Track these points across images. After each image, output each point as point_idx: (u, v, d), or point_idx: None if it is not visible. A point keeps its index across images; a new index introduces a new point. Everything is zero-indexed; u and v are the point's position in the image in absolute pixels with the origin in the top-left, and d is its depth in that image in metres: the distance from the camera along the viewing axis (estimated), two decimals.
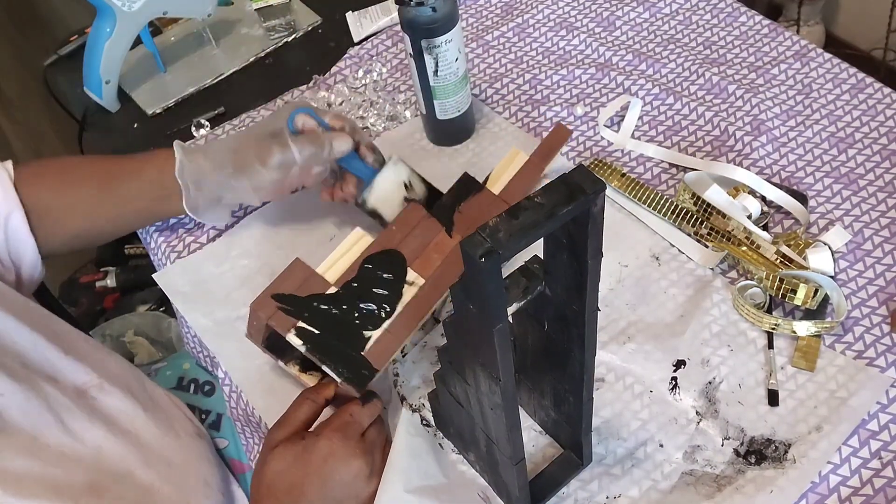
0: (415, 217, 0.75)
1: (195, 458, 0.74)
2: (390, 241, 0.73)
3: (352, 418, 0.65)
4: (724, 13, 1.05)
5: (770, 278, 0.74)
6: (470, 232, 0.73)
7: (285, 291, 0.68)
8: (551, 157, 0.82)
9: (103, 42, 1.00)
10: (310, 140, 0.75)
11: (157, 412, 0.74)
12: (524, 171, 0.79)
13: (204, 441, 0.79)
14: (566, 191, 0.44)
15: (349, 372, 0.66)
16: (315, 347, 0.66)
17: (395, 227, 0.74)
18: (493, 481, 0.68)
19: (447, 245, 0.73)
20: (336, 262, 0.71)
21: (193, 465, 0.73)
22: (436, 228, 0.74)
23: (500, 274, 0.44)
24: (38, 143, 2.41)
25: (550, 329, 0.58)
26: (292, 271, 0.70)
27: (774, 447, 0.68)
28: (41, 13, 2.86)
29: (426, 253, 0.72)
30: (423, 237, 0.73)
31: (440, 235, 0.74)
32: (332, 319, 0.68)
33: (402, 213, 0.75)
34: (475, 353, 0.52)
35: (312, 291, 0.69)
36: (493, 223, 0.43)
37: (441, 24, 0.82)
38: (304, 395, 0.68)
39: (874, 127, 0.90)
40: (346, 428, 0.64)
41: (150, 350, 1.50)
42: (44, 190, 0.79)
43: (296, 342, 0.67)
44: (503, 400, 0.53)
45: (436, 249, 0.73)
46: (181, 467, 0.71)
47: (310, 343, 0.66)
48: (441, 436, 0.72)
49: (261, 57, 1.12)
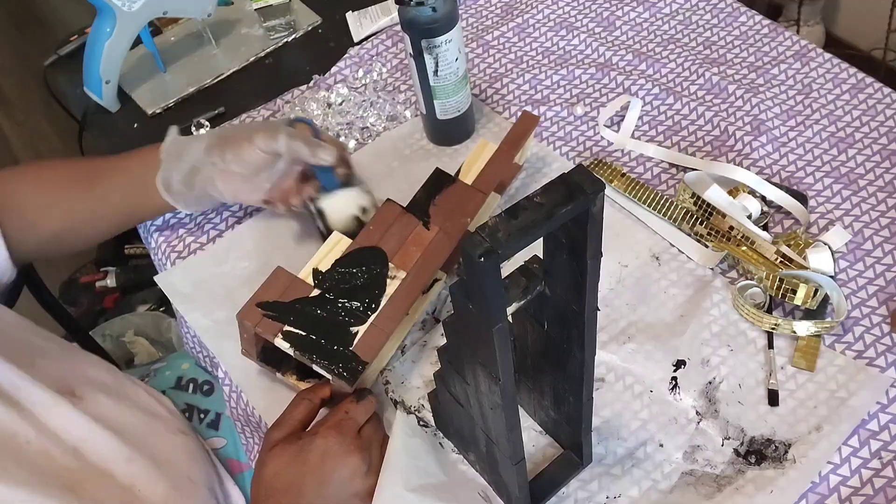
0: (391, 214, 0.76)
1: (179, 455, 0.75)
2: (369, 240, 0.74)
3: (347, 415, 0.65)
4: (724, 13, 1.05)
5: (770, 278, 0.74)
6: (447, 223, 0.76)
7: (269, 299, 0.69)
8: (521, 145, 0.83)
9: (103, 42, 1.00)
10: (301, 137, 0.76)
11: (137, 411, 0.74)
12: (495, 159, 0.81)
13: (189, 438, 0.78)
14: (565, 191, 0.44)
15: (339, 368, 0.66)
16: (303, 349, 0.67)
17: (373, 226, 0.75)
18: (493, 481, 0.68)
19: (425, 238, 0.74)
20: (319, 263, 0.72)
21: (177, 463, 0.73)
22: (412, 223, 0.75)
23: (500, 274, 0.44)
24: (38, 143, 2.41)
25: (550, 329, 0.58)
26: (275, 279, 0.71)
27: (774, 447, 0.68)
28: (41, 13, 2.86)
29: (405, 247, 0.74)
30: (401, 232, 0.75)
31: (417, 229, 0.75)
32: (318, 320, 0.69)
33: (379, 212, 0.76)
34: (475, 353, 0.52)
35: (296, 296, 0.70)
36: (493, 223, 0.43)
37: (441, 23, 0.82)
38: (300, 396, 0.68)
39: (874, 127, 0.90)
40: (341, 425, 0.65)
41: (149, 350, 1.50)
42: (17, 192, 0.78)
43: (283, 346, 0.67)
44: (503, 400, 0.53)
45: (414, 243, 0.74)
46: (164, 465, 0.71)
47: (297, 345, 0.67)
48: (441, 435, 0.72)
49: (261, 57, 1.12)
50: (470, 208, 0.77)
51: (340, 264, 0.72)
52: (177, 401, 0.89)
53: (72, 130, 1.09)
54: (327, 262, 0.73)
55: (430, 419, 0.72)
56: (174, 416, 0.80)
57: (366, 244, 0.74)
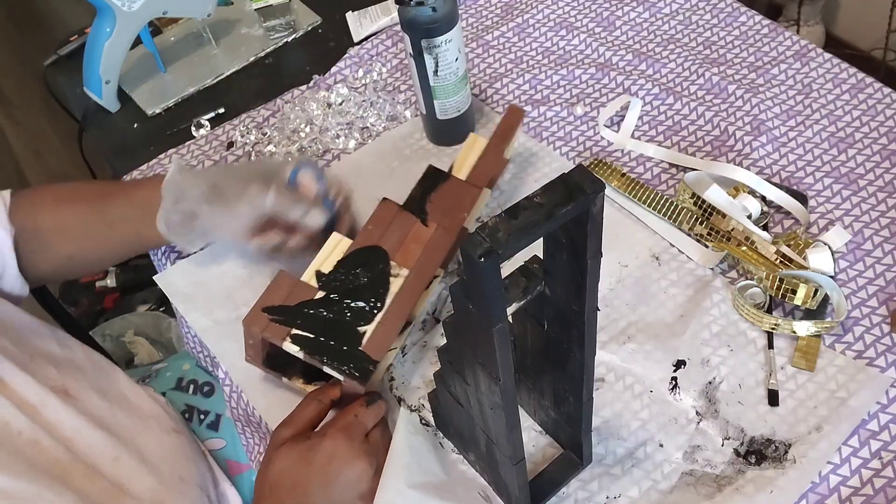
0: (389, 213, 0.76)
1: (171, 454, 0.75)
2: (369, 239, 0.74)
3: (356, 419, 0.65)
4: (724, 13, 1.05)
5: (770, 278, 0.74)
6: (445, 218, 0.76)
7: (274, 303, 0.69)
8: (510, 138, 0.83)
9: (103, 42, 1.00)
10: (293, 197, 0.74)
11: (129, 410, 0.75)
12: (486, 154, 0.81)
13: (182, 437, 0.79)
14: (565, 191, 0.44)
15: (351, 368, 0.66)
16: (313, 350, 0.67)
17: (372, 225, 0.75)
18: (493, 481, 0.68)
19: (425, 234, 0.75)
20: (320, 268, 0.72)
21: (169, 461, 0.74)
22: (411, 220, 0.76)
23: (500, 274, 0.44)
24: (38, 143, 2.41)
25: (550, 329, 0.58)
26: (278, 283, 0.71)
27: (774, 447, 0.68)
28: (41, 13, 2.86)
29: (405, 244, 0.74)
30: (401, 231, 0.75)
31: (416, 226, 0.75)
32: (325, 322, 0.69)
33: (377, 212, 0.76)
34: (475, 353, 0.52)
35: (300, 299, 0.70)
36: (493, 223, 0.43)
37: (441, 23, 0.82)
38: (310, 396, 0.69)
39: (874, 127, 0.90)
40: (350, 428, 0.65)
41: (150, 350, 1.50)
42: (37, 213, 0.78)
43: (293, 349, 0.67)
44: (503, 400, 0.53)
45: (414, 240, 0.74)
46: (155, 463, 0.71)
47: (307, 347, 0.67)
48: (441, 435, 0.72)
49: (261, 57, 1.12)
50: (466, 203, 0.78)
51: (343, 265, 0.72)
52: (177, 401, 0.89)
53: (72, 130, 1.09)
54: (329, 263, 0.72)
55: (431, 418, 0.73)
56: (169, 416, 0.80)
57: (366, 244, 0.74)
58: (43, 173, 2.32)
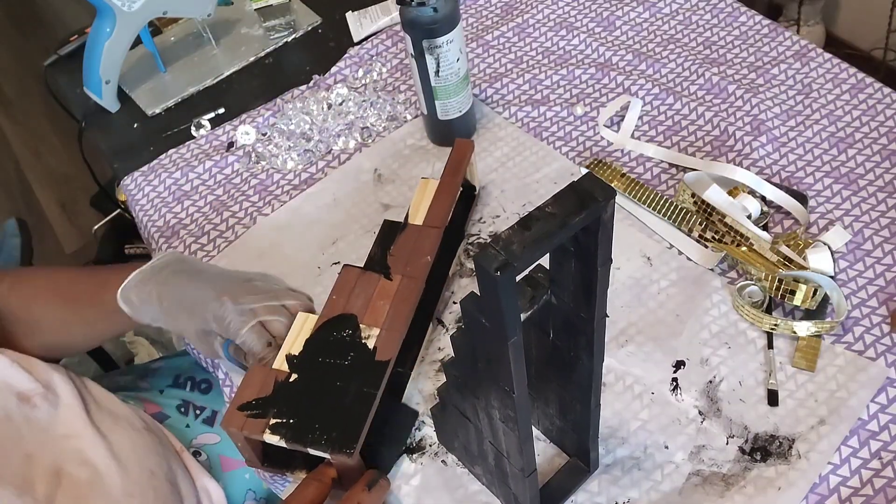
0: (351, 278, 0.75)
1: (141, 451, 0.74)
2: (335, 309, 0.72)
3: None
4: (724, 13, 1.05)
5: (769, 278, 0.74)
6: (408, 267, 0.75)
7: (249, 399, 0.67)
8: (462, 172, 0.83)
9: (103, 42, 1.00)
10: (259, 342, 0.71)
11: (101, 412, 0.74)
12: (439, 193, 0.81)
13: (153, 435, 0.78)
14: (577, 199, 0.43)
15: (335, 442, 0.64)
16: (294, 436, 0.64)
17: (336, 295, 0.73)
18: (501, 494, 0.67)
19: (390, 289, 0.73)
20: (290, 348, 0.70)
21: (139, 457, 0.73)
22: (374, 279, 0.74)
23: (515, 287, 0.43)
24: (38, 143, 2.41)
25: (556, 337, 0.57)
26: (251, 378, 0.68)
27: (779, 443, 0.68)
28: (41, 13, 2.86)
29: (372, 303, 0.72)
30: (365, 292, 0.73)
31: (381, 283, 0.74)
32: (303, 397, 0.67)
33: (339, 280, 0.75)
34: (487, 367, 0.51)
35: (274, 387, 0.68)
36: (506, 235, 0.42)
37: (442, 24, 0.82)
38: (309, 478, 0.66)
39: (874, 127, 0.90)
40: None
41: (149, 350, 1.50)
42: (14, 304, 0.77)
43: (273, 440, 0.65)
44: (517, 413, 0.52)
45: (380, 297, 0.73)
46: (125, 462, 0.71)
47: (287, 435, 0.65)
48: (444, 451, 0.71)
49: (261, 57, 1.12)
50: (427, 247, 0.76)
51: (311, 343, 0.70)
52: (174, 397, 0.90)
53: (72, 130, 1.09)
54: (298, 344, 0.70)
55: (434, 434, 0.72)
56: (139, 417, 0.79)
57: (332, 314, 0.72)
58: (43, 173, 2.32)
